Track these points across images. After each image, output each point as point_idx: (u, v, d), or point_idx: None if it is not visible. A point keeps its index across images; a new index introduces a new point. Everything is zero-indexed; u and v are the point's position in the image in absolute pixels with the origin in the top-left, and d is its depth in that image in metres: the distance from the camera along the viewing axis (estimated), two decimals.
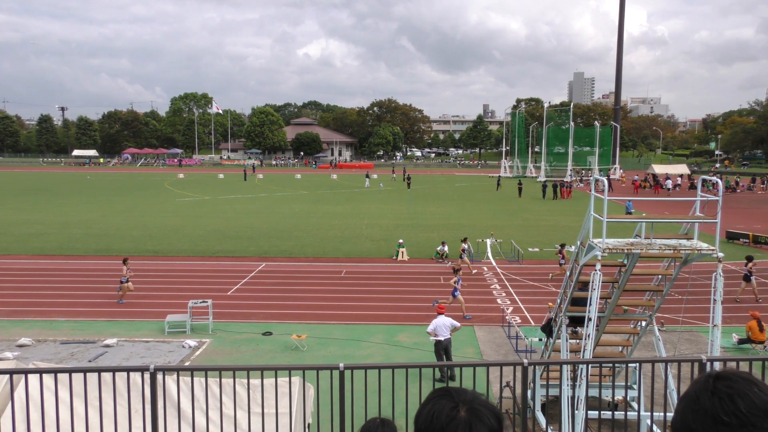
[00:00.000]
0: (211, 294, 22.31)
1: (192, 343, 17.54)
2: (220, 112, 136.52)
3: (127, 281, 21.94)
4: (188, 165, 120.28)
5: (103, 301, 22.12)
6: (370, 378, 6.58)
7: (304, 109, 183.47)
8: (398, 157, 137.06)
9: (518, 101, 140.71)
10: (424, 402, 1.86)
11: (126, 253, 30.41)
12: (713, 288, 10.36)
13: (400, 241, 30.42)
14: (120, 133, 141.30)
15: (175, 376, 7.85)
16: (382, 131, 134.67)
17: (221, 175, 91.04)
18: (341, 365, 6.30)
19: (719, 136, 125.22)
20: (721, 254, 10.20)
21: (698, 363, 6.17)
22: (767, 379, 9.32)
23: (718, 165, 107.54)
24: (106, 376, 6.80)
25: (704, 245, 10.38)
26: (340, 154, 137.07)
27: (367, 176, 77.41)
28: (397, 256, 29.38)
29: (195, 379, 7.12)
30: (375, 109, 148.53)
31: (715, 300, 10.33)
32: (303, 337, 17.72)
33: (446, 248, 29.45)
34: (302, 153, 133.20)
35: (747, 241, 33.47)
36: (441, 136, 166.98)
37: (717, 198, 10.38)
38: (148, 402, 5.98)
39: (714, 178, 11.44)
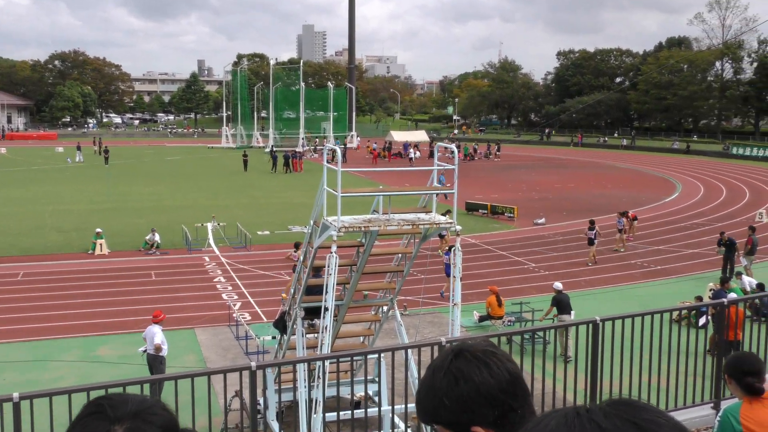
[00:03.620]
0: None
1: None
2: None
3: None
4: None
5: None
6: (59, 407, 6.14)
7: None
8: (91, 125, 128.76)
9: (240, 57, 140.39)
10: (72, 424, 1.66)
11: None
12: (452, 264, 11.47)
13: (98, 230, 28.99)
14: None
15: None
16: (67, 92, 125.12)
17: None
18: (16, 395, 5.82)
19: (456, 100, 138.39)
20: (459, 227, 11.31)
21: (437, 346, 6.82)
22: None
23: (456, 131, 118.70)
24: None
25: (443, 218, 11.43)
26: (9, 122, 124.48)
27: (79, 149, 71.20)
28: (94, 249, 28.18)
29: None
30: (56, 63, 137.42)
31: (454, 277, 11.45)
32: None
33: (157, 236, 28.74)
34: None
35: (486, 212, 37.66)
36: (146, 99, 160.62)
37: (453, 167, 11.45)
38: None
39: (451, 146, 12.61)
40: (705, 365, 8.51)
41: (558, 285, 18.48)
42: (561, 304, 17.76)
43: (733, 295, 16.34)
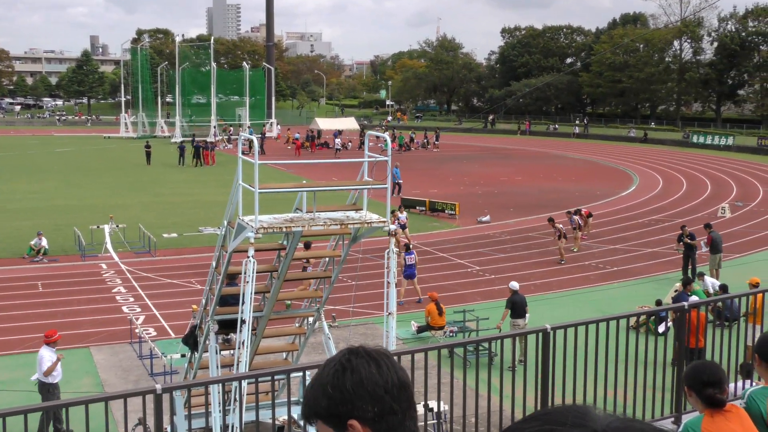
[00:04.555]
0: None
1: None
2: None
3: None
4: None
5: None
6: None
7: None
8: None
9: (140, 33, 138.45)
10: None
11: None
12: (386, 268, 11.53)
13: None
14: None
15: None
16: None
17: None
18: None
19: (389, 82, 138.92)
20: (393, 227, 11.39)
21: None
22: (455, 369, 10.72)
23: (390, 118, 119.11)
24: None
25: (375, 216, 11.46)
26: None
27: None
28: None
29: None
30: None
31: (388, 283, 11.51)
32: None
33: (44, 241, 28.20)
34: None
35: (424, 209, 37.95)
36: (29, 81, 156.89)
37: (386, 159, 11.51)
38: None
39: (384, 135, 12.68)
40: (665, 376, 8.76)
41: (514, 285, 18.58)
42: (515, 306, 17.99)
43: (694, 298, 16.89)
